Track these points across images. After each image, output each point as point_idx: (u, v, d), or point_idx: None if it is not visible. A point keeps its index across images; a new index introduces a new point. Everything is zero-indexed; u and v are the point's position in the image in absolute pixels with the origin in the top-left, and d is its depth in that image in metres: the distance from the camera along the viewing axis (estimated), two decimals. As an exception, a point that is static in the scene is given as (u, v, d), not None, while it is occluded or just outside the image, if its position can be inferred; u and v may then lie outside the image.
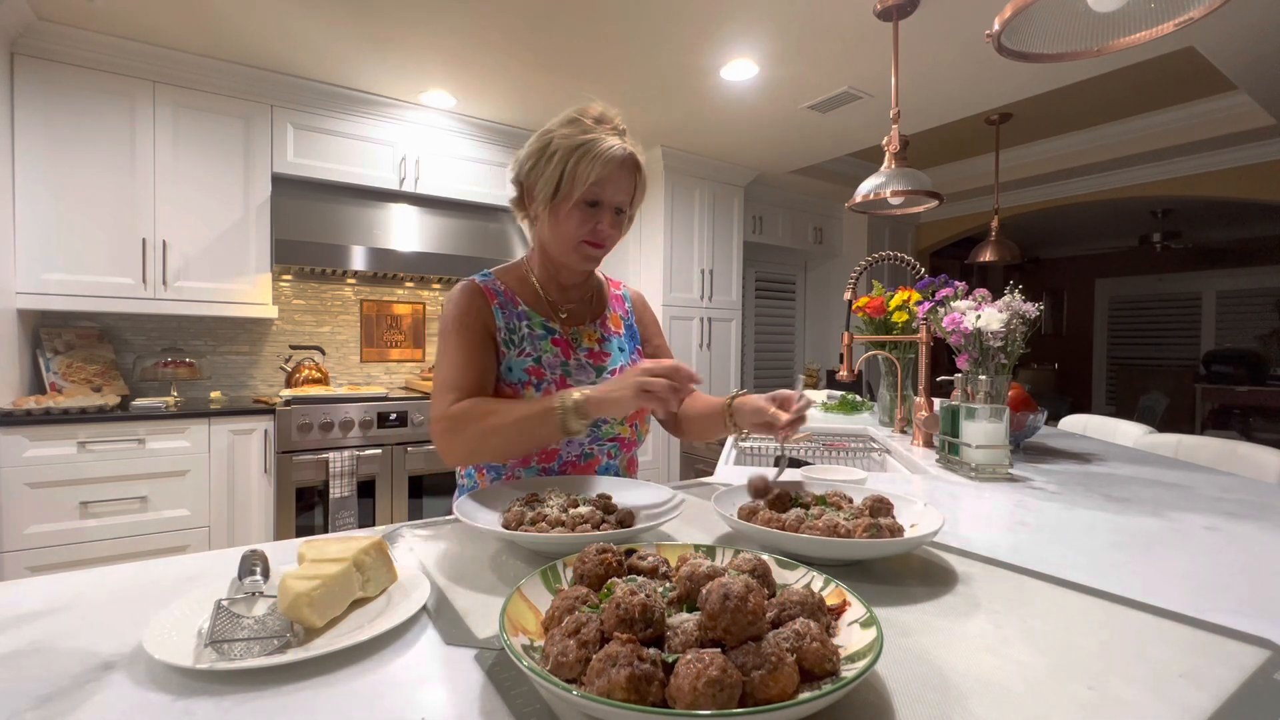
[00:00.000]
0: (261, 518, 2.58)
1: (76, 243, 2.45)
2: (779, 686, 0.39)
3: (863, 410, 2.45)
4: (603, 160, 0.93)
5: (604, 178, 0.95)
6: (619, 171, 0.96)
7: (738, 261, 4.27)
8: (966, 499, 1.08)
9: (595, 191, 0.96)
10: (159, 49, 2.54)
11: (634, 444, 1.11)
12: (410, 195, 3.17)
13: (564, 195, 0.96)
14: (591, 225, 0.98)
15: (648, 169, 1.04)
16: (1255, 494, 1.13)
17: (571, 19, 2.33)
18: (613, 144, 0.95)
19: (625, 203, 1.01)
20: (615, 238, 1.02)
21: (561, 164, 0.95)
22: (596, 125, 0.97)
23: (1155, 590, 0.66)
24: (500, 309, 1.03)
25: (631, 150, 0.98)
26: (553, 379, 1.03)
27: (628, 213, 1.03)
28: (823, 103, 3.09)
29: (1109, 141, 3.93)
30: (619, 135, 0.98)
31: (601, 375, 1.07)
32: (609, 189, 0.96)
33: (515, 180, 1.05)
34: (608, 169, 0.94)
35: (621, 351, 1.13)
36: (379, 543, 0.62)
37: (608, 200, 0.97)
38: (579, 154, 0.94)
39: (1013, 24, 1.16)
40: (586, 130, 0.96)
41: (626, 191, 0.99)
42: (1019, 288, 1.45)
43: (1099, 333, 7.73)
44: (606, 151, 0.94)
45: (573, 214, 0.97)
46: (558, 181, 0.96)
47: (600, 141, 0.94)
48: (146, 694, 0.45)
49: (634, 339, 1.18)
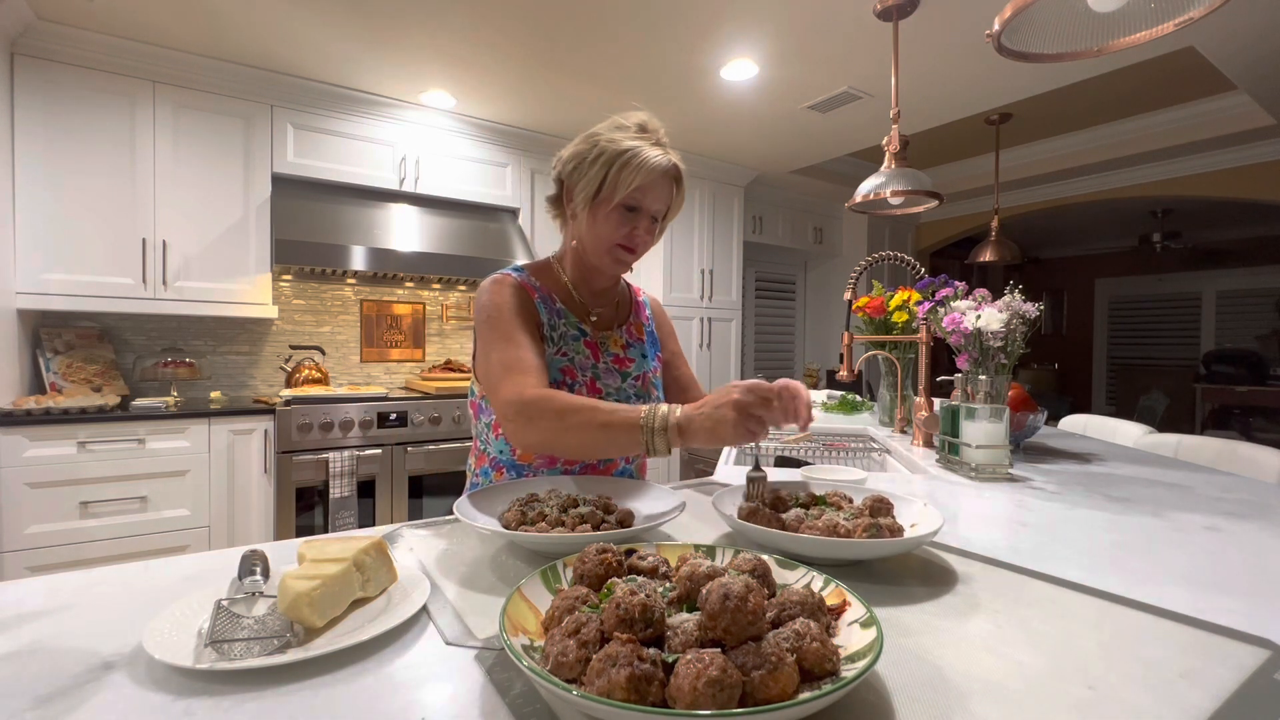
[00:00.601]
0: (261, 518, 2.58)
1: (76, 243, 2.45)
2: (779, 686, 0.39)
3: (863, 410, 2.45)
4: (647, 168, 0.96)
5: (645, 185, 0.97)
6: (661, 180, 0.99)
7: (738, 261, 4.27)
8: (966, 499, 1.08)
9: (635, 198, 0.98)
10: (159, 49, 2.54)
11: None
12: (410, 195, 3.17)
13: (604, 198, 0.99)
14: (628, 230, 1.00)
15: None
16: (1255, 494, 1.13)
17: (572, 19, 2.33)
18: (657, 154, 0.98)
19: (661, 212, 1.03)
20: (648, 244, 1.05)
21: (605, 167, 0.97)
22: (641, 134, 1.00)
23: (1155, 590, 0.66)
24: (542, 304, 1.05)
25: (675, 162, 1.01)
26: (584, 381, 1.04)
27: (662, 222, 1.06)
28: (823, 103, 3.09)
29: (1109, 141, 3.93)
30: (662, 147, 1.01)
31: (626, 380, 1.09)
32: (649, 196, 0.99)
33: (556, 178, 1.07)
34: (650, 177, 0.97)
35: (644, 358, 1.14)
36: (379, 543, 0.62)
37: (646, 207, 1.00)
38: (624, 159, 0.96)
39: (1013, 24, 1.16)
40: (632, 138, 0.99)
41: (664, 201, 1.02)
42: (1019, 288, 1.45)
43: (1099, 333, 7.73)
44: (651, 160, 0.96)
45: (611, 216, 1.00)
46: (599, 184, 0.98)
47: (644, 150, 0.97)
48: (146, 694, 0.45)
49: (655, 346, 1.20)
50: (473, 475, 1.11)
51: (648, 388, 1.12)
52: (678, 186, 1.04)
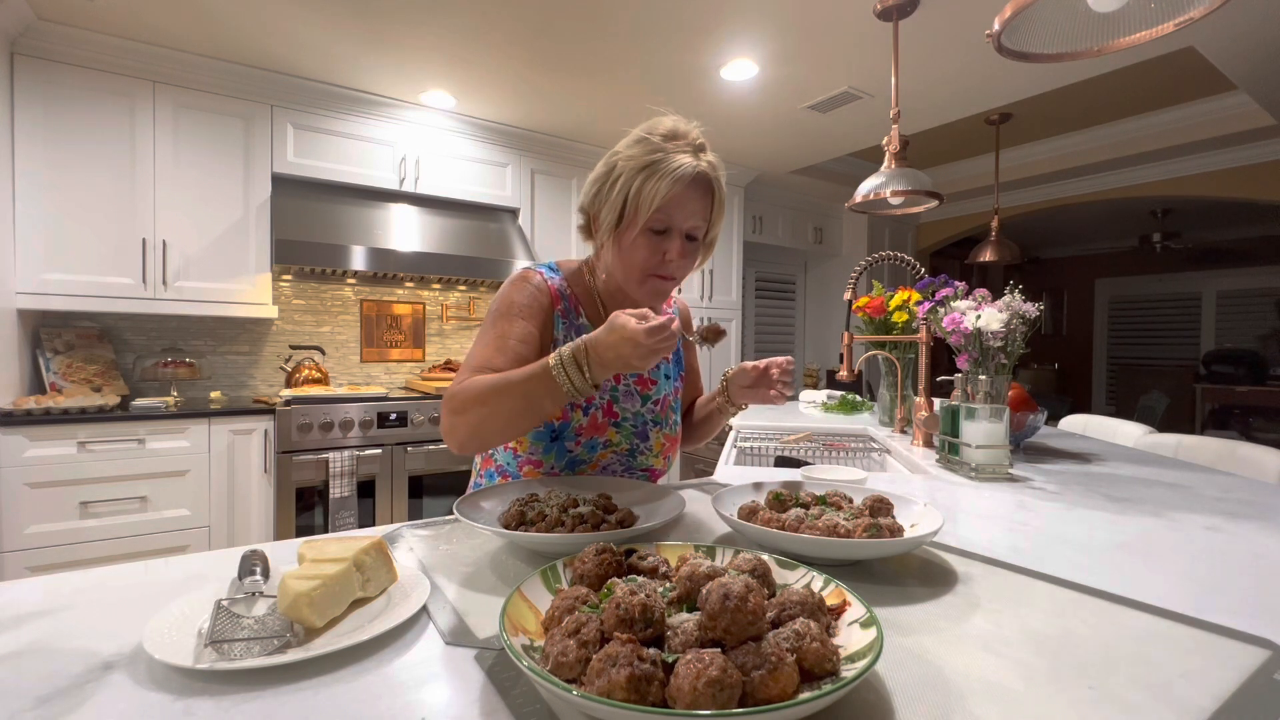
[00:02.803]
0: (261, 518, 2.58)
1: (76, 243, 2.45)
2: (779, 686, 0.39)
3: (863, 410, 2.45)
4: (670, 179, 0.84)
5: (671, 199, 0.86)
6: (689, 192, 0.87)
7: (738, 261, 4.27)
8: (966, 499, 1.08)
9: (662, 218, 0.87)
10: (159, 49, 2.54)
11: (663, 473, 1.09)
12: (410, 195, 3.17)
13: (628, 222, 0.88)
14: (660, 256, 0.89)
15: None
16: (1255, 494, 1.13)
17: (572, 19, 2.33)
18: (682, 161, 0.86)
19: (698, 228, 0.90)
20: (687, 268, 0.92)
21: (626, 187, 0.87)
22: (666, 142, 0.88)
23: (1155, 590, 0.66)
24: (562, 317, 0.97)
25: (704, 167, 0.88)
26: (599, 404, 0.97)
27: (702, 240, 0.93)
28: (823, 103, 3.09)
29: (1109, 141, 3.93)
30: (694, 152, 0.88)
31: (645, 404, 1.02)
32: (678, 213, 0.87)
33: (581, 209, 0.98)
34: (675, 189, 0.85)
35: (668, 379, 1.07)
36: (379, 543, 0.62)
37: (677, 226, 0.88)
38: (644, 175, 0.86)
39: (1013, 24, 1.16)
40: (654, 149, 0.87)
41: (700, 215, 0.89)
42: (1019, 288, 1.45)
43: (1099, 333, 7.73)
44: (675, 170, 0.85)
45: (638, 243, 0.88)
46: (621, 207, 0.88)
47: (668, 160, 0.86)
48: (146, 694, 0.45)
49: (679, 364, 1.13)
50: (476, 475, 1.08)
51: (665, 412, 1.04)
52: (715, 195, 0.90)
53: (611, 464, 1.00)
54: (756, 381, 1.00)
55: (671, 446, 1.06)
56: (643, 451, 1.02)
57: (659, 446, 1.03)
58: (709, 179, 0.89)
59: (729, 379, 1.06)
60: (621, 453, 1.00)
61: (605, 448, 0.99)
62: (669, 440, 1.05)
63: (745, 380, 1.02)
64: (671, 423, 1.06)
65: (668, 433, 1.04)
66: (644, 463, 1.03)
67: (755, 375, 1.00)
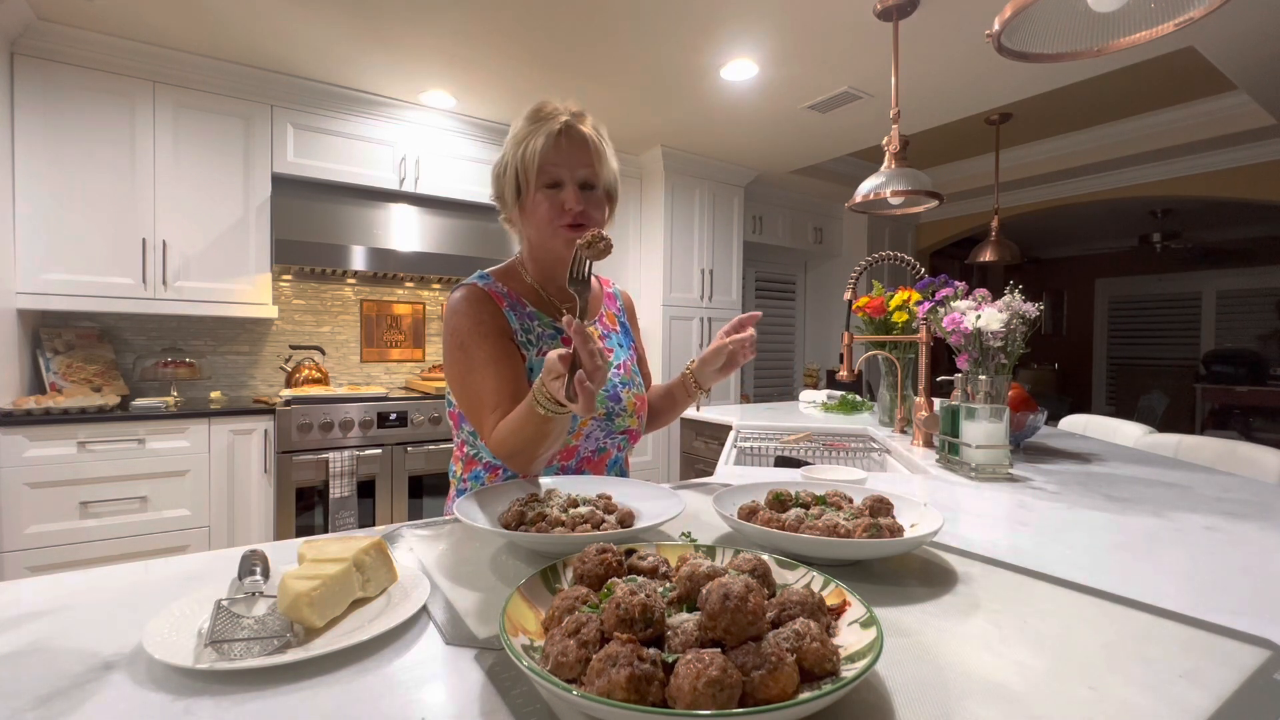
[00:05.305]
0: (261, 518, 2.58)
1: (76, 243, 2.45)
2: (779, 686, 0.39)
3: (863, 410, 2.45)
4: (543, 135, 0.95)
5: (549, 152, 0.95)
6: (565, 143, 0.96)
7: (738, 261, 4.27)
8: (966, 499, 1.08)
9: (550, 171, 0.96)
10: (159, 49, 2.54)
11: (639, 435, 1.14)
12: (410, 195, 3.17)
13: (525, 189, 0.98)
14: (558, 205, 0.97)
15: (648, 168, 1.04)
16: (1255, 494, 1.13)
17: (572, 19, 2.33)
18: (549, 122, 0.96)
19: (590, 176, 0.98)
20: (597, 218, 1.00)
21: (514, 162, 0.97)
22: (541, 116, 0.98)
23: (1155, 590, 0.66)
24: (511, 310, 1.03)
25: (569, 118, 0.97)
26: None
27: (600, 188, 1.01)
28: (823, 103, 3.09)
29: (1109, 141, 3.93)
30: (566, 116, 0.98)
31: (610, 369, 1.08)
32: (562, 165, 0.96)
33: (493, 198, 1.07)
34: (549, 142, 0.95)
35: (621, 348, 1.14)
36: (379, 543, 0.62)
37: (564, 177, 0.97)
38: (524, 144, 0.96)
39: (1013, 24, 1.16)
40: (531, 122, 0.98)
41: (583, 163, 0.98)
42: (1019, 288, 1.45)
43: (1099, 333, 7.74)
44: (545, 128, 0.95)
45: (538, 200, 0.97)
46: (516, 180, 0.98)
47: (542, 126, 0.96)
48: (146, 694, 0.45)
49: (629, 335, 1.19)
50: (460, 481, 1.09)
51: (630, 375, 1.11)
52: (594, 145, 0.98)
53: (593, 430, 1.05)
54: (730, 359, 1.08)
55: (642, 405, 1.12)
56: (618, 414, 1.07)
57: (631, 406, 1.09)
58: (581, 132, 0.98)
59: (695, 370, 1.14)
60: (600, 418, 1.05)
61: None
62: (639, 399, 1.11)
63: (718, 363, 1.09)
64: (637, 383, 1.13)
65: (636, 392, 1.12)
66: (621, 424, 1.08)
67: (727, 354, 1.07)
